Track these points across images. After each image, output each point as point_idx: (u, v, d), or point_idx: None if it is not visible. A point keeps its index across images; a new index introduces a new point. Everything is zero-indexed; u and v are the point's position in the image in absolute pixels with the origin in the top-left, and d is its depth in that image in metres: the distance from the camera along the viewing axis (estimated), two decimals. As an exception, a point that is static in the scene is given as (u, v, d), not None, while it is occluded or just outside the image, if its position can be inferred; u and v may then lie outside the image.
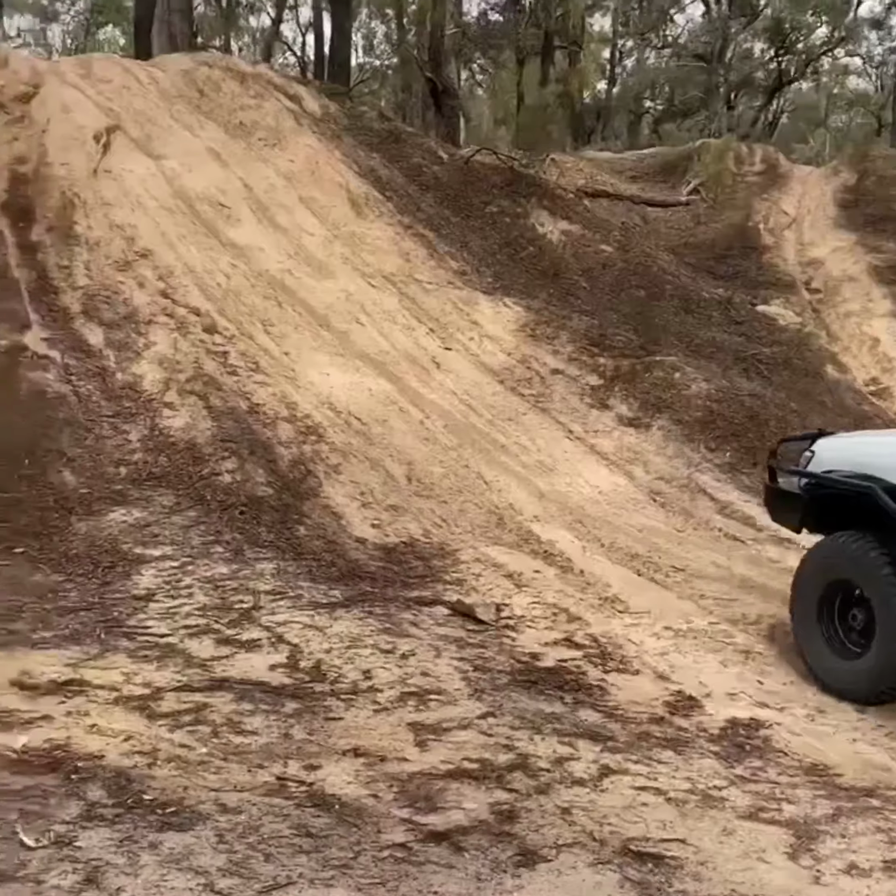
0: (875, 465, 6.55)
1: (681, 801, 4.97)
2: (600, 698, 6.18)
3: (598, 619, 7.47)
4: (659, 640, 7.18)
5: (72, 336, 10.55)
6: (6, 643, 6.27)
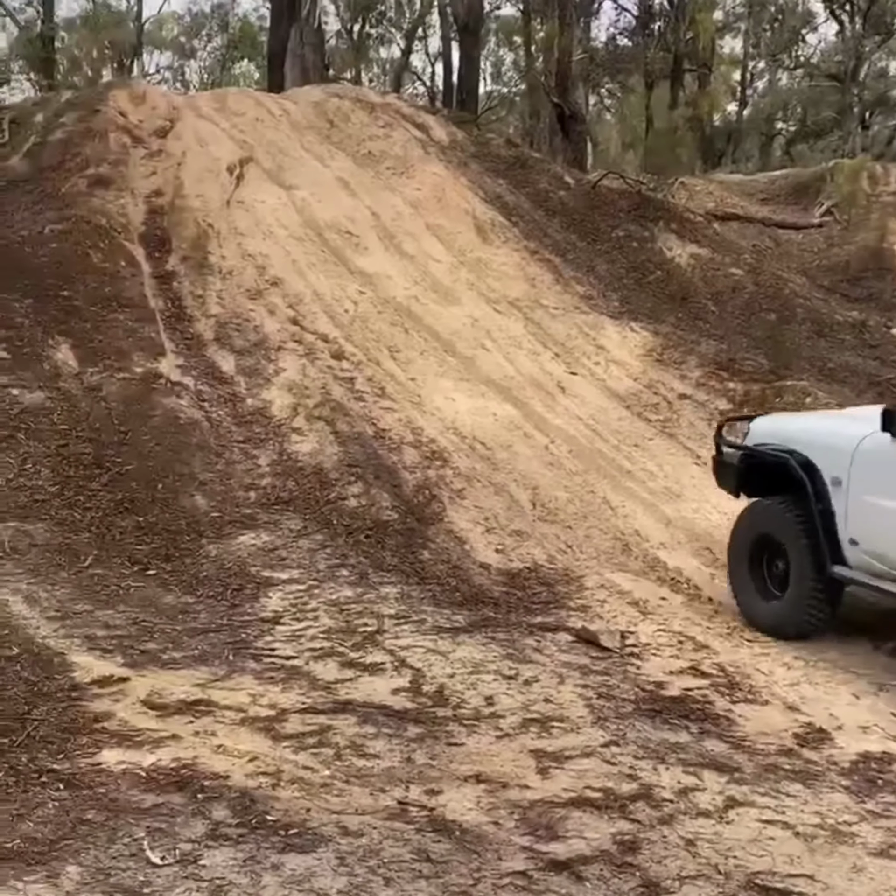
0: (793, 440, 7.75)
1: (809, 835, 4.81)
2: (727, 729, 6.03)
3: (725, 647, 7.31)
4: (789, 670, 6.98)
5: (204, 363, 10.83)
6: (138, 663, 6.43)
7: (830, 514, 7.30)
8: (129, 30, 37.94)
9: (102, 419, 9.56)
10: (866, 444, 7.13)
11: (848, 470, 7.20)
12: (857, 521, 7.12)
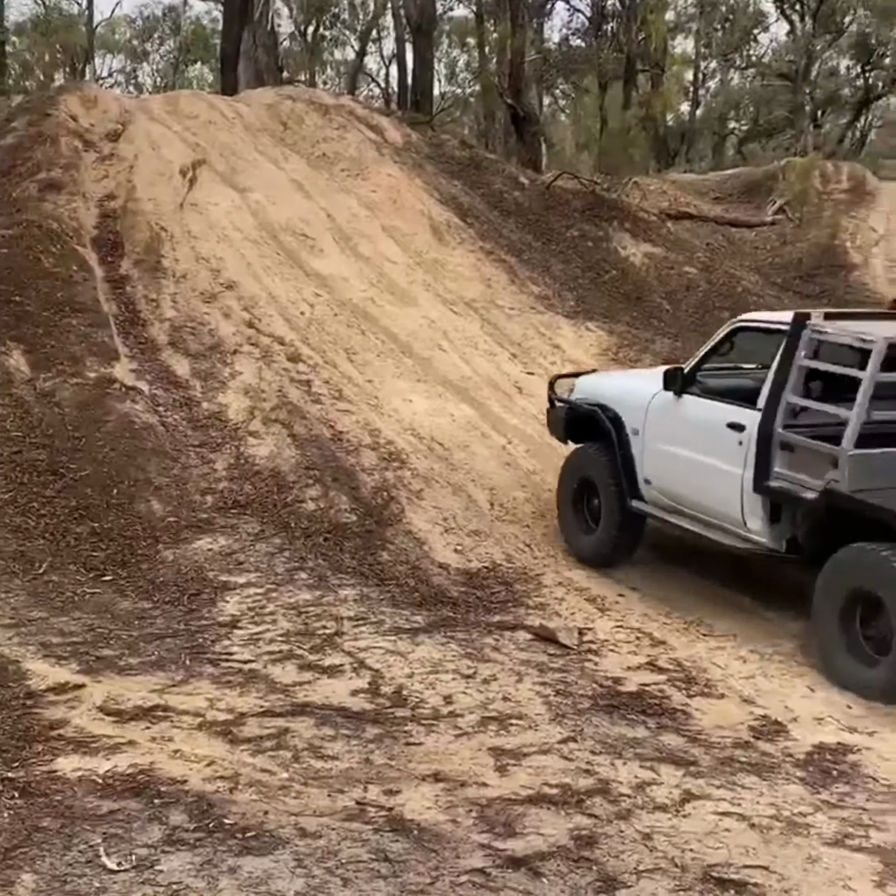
0: (605, 397, 9.06)
1: (765, 827, 4.87)
2: (684, 723, 6.08)
3: (682, 642, 7.37)
4: (745, 663, 7.05)
5: (159, 367, 10.76)
6: (94, 669, 6.40)
7: (631, 459, 8.67)
8: (81, 33, 37.62)
9: (56, 425, 9.47)
10: (655, 400, 8.45)
11: (643, 422, 8.58)
12: (650, 464, 8.53)
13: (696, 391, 8.19)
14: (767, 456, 7.38)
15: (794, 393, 7.36)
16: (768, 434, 7.37)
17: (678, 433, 8.21)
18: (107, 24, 40.72)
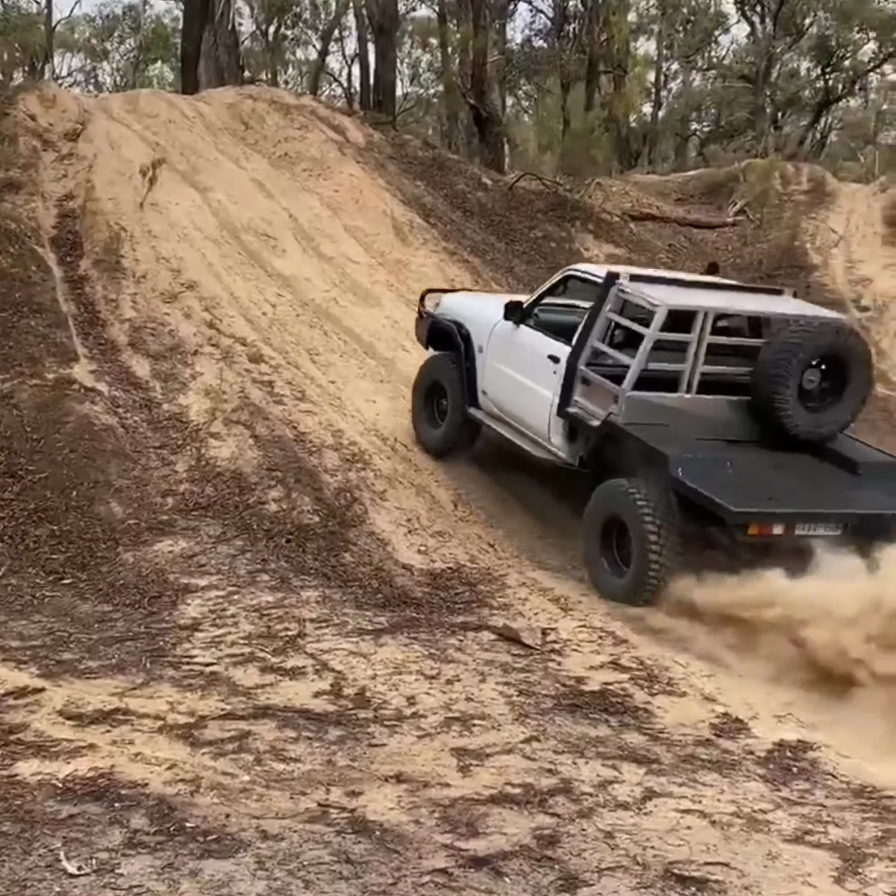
0: (461, 315, 10.39)
1: (725, 824, 4.89)
2: (646, 721, 6.10)
3: (644, 641, 7.39)
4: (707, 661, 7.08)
5: (119, 368, 10.69)
6: (53, 673, 6.34)
7: (474, 371, 9.99)
8: (40, 32, 37.24)
9: (14, 426, 9.39)
10: (499, 326, 9.73)
11: (487, 342, 9.89)
12: (487, 378, 9.85)
13: (530, 323, 9.49)
14: (570, 387, 8.76)
15: (597, 338, 8.74)
16: (573, 369, 8.74)
17: (511, 356, 9.57)
18: (66, 22, 40.31)
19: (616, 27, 27.76)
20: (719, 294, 9.43)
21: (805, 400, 8.54)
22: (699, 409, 8.53)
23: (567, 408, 8.75)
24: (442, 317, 10.61)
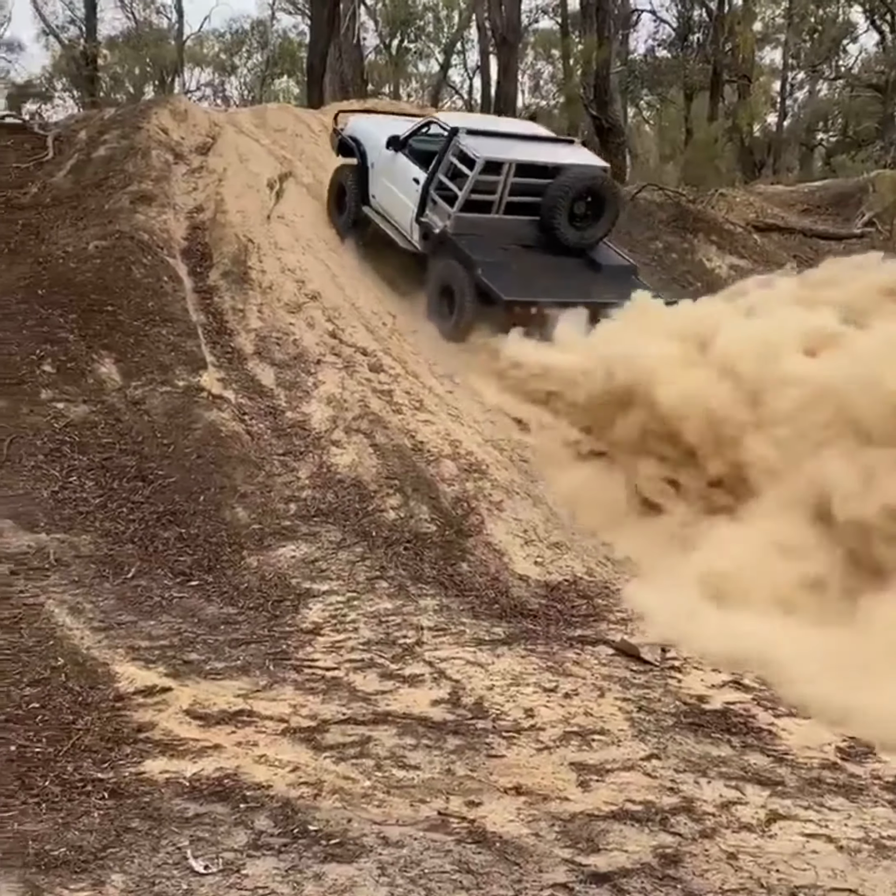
0: (362, 134, 13.72)
1: (853, 849, 4.79)
2: (769, 742, 6.00)
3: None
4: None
5: (245, 376, 10.91)
6: (181, 673, 6.50)
7: (366, 179, 13.36)
8: (171, 47, 38.33)
9: (145, 432, 9.65)
10: (384, 149, 12.98)
11: (376, 160, 13.26)
12: (375, 186, 13.25)
13: (405, 152, 12.88)
14: (424, 204, 12.41)
15: (442, 173, 12.30)
16: (426, 192, 12.38)
17: (391, 174, 13.02)
18: (196, 37, 41.40)
19: (742, 36, 27.44)
20: (527, 146, 12.89)
21: (573, 221, 12.47)
22: (504, 225, 12.40)
23: (421, 218, 12.46)
24: (348, 134, 13.99)
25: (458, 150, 12.14)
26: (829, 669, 6.66)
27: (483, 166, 11.92)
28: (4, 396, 9.67)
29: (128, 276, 11.67)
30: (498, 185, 12.23)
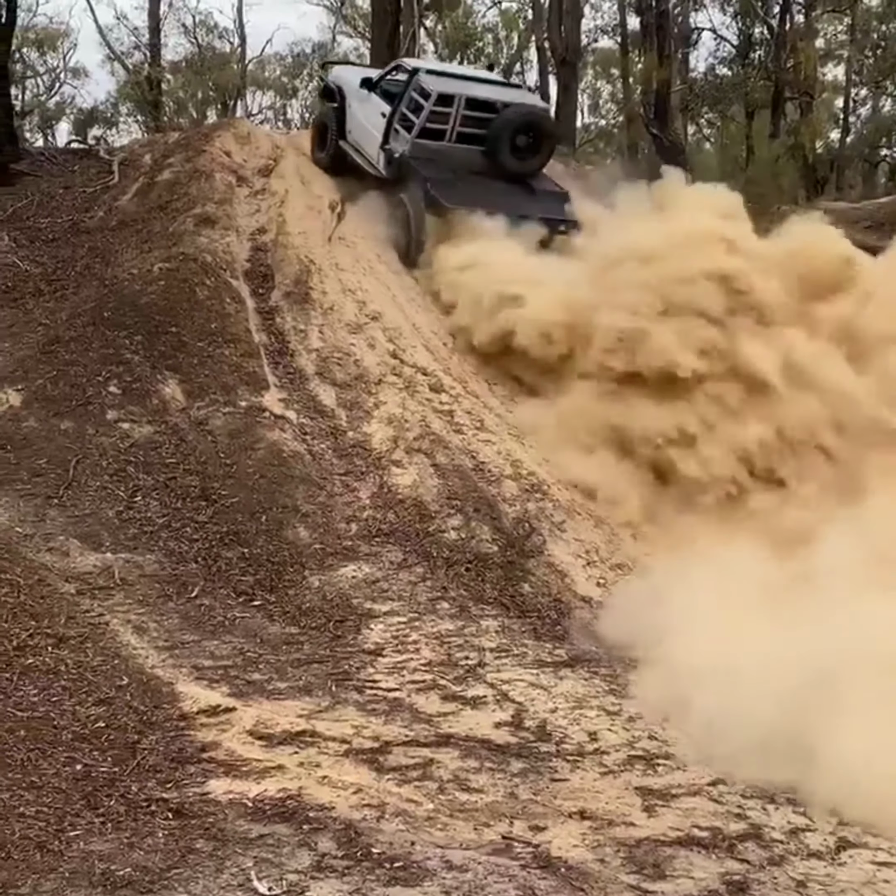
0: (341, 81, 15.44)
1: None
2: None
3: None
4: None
5: (306, 396, 10.96)
6: (244, 693, 6.52)
7: (344, 118, 14.87)
8: (233, 71, 38.79)
9: (208, 452, 9.74)
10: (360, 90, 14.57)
11: (354, 100, 14.79)
12: (351, 123, 14.77)
13: (377, 91, 14.44)
14: (388, 133, 13.88)
15: (404, 107, 13.79)
16: (390, 123, 13.87)
17: (363, 111, 14.56)
18: (258, 61, 41.87)
19: (803, 53, 27.20)
20: (478, 86, 14.45)
21: (515, 152, 13.96)
22: (455, 152, 13.78)
23: (385, 146, 13.92)
24: (331, 81, 15.91)
25: (418, 85, 13.83)
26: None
27: (437, 98, 13.58)
28: (71, 417, 9.81)
29: (191, 297, 11.79)
30: (450, 116, 13.83)
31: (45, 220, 13.99)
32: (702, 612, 7.11)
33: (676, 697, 6.35)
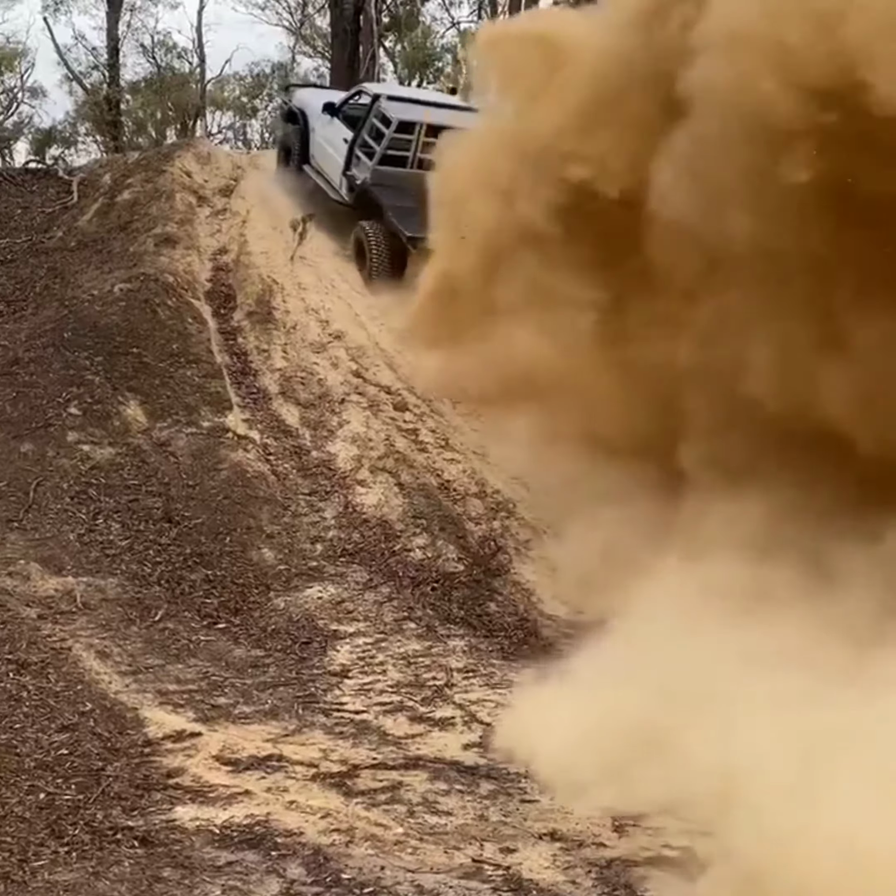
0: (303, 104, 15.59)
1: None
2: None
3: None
4: None
5: (270, 416, 10.91)
6: (209, 717, 6.45)
7: (308, 142, 15.13)
8: (192, 91, 38.67)
9: (171, 473, 9.65)
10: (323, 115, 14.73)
11: (316, 125, 15.02)
12: (314, 148, 15.06)
13: (339, 116, 14.56)
14: (350, 160, 14.08)
15: (366, 133, 13.94)
16: (352, 150, 14.05)
17: (326, 136, 14.76)
18: (217, 81, 41.73)
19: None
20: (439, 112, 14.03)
21: None
22: (417, 178, 12.94)
23: (348, 172, 14.11)
24: (294, 104, 16.04)
25: (379, 112, 13.88)
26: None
27: (397, 125, 13.65)
28: (31, 439, 9.70)
29: (153, 318, 11.72)
30: (412, 143, 13.80)
31: (4, 240, 13.90)
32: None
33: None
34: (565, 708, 6.66)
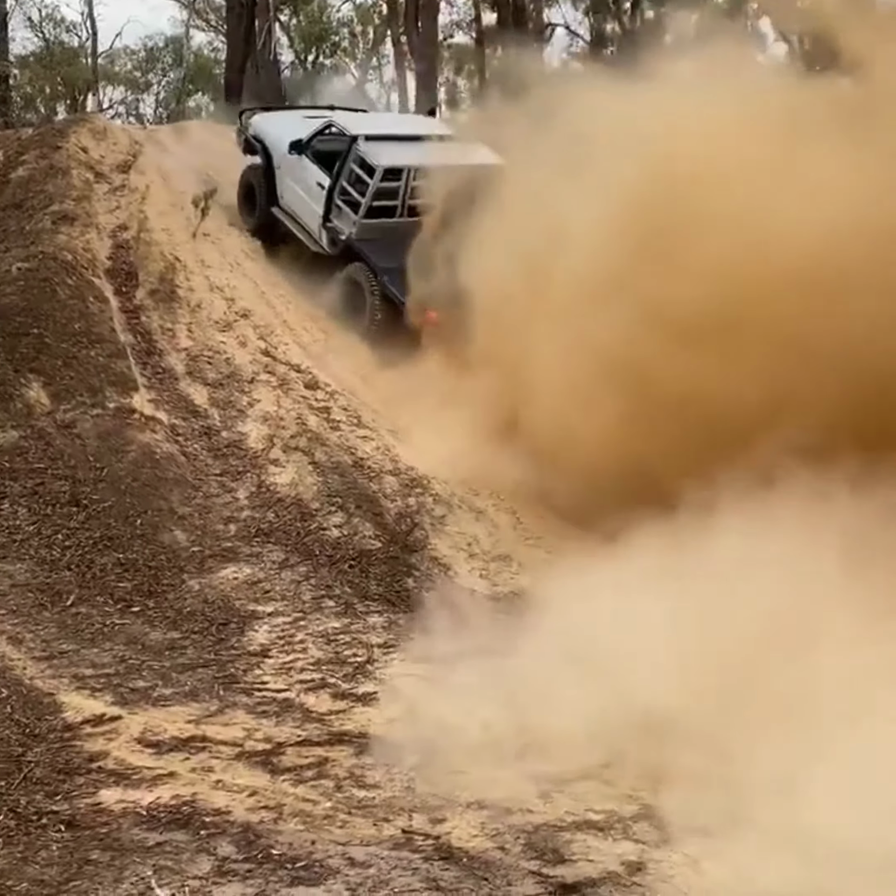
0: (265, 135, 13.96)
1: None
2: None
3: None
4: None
5: (177, 396, 10.76)
6: (129, 701, 6.39)
7: (273, 180, 13.61)
8: (83, 66, 37.80)
9: (77, 456, 9.48)
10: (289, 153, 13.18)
11: (281, 162, 13.48)
12: (282, 188, 13.54)
13: (309, 154, 13.07)
14: (329, 209, 12.76)
15: (345, 181, 12.61)
16: (331, 199, 12.72)
17: (296, 177, 13.34)
18: (107, 55, 40.81)
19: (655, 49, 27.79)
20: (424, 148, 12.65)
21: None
22: (409, 228, 11.95)
23: (328, 223, 12.83)
24: (252, 134, 14.21)
25: (358, 157, 12.45)
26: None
27: (382, 175, 12.27)
28: (-69, 424, 9.45)
29: (53, 297, 11.45)
30: (399, 190, 12.49)
31: None
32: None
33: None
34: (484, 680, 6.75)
